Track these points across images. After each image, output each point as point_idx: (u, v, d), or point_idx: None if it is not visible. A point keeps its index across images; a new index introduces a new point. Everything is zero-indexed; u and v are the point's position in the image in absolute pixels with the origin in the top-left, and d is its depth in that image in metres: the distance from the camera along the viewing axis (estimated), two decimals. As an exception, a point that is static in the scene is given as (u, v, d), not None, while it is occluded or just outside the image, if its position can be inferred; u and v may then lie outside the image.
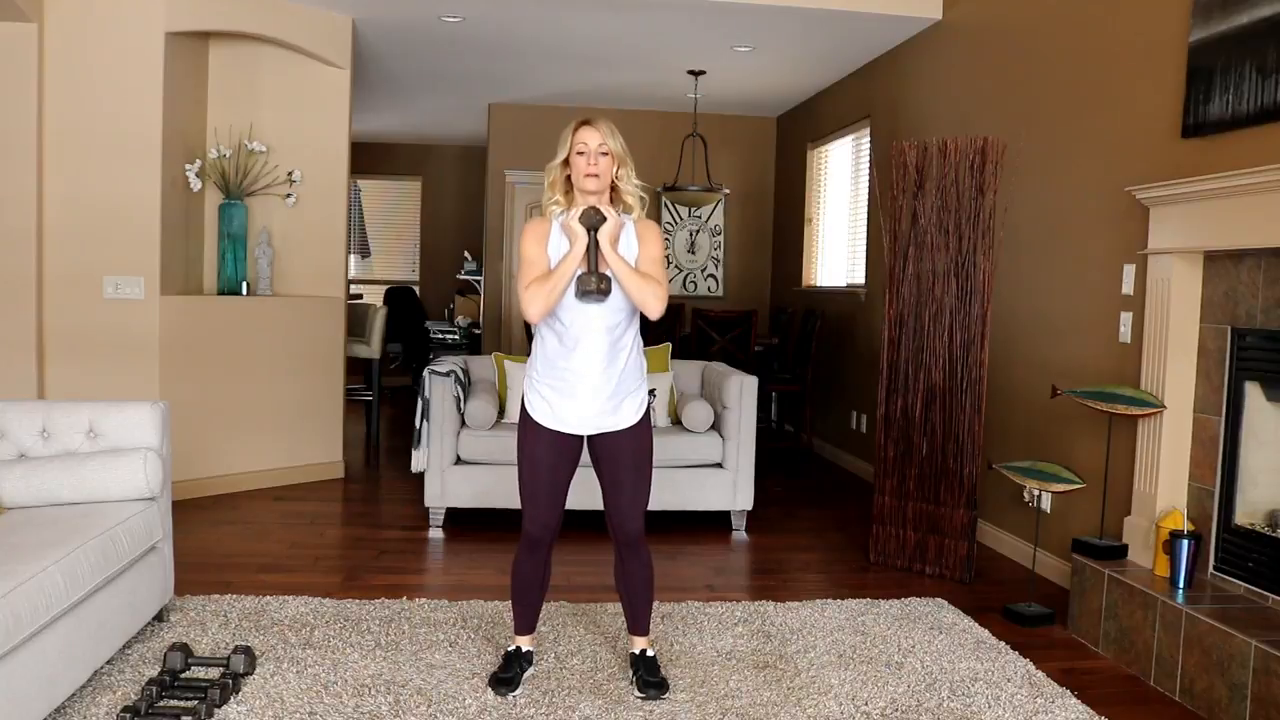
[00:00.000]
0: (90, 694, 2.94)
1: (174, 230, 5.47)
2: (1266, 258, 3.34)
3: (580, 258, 2.91)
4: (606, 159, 2.94)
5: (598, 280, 2.88)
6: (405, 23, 6.16)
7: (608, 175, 2.95)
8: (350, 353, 6.92)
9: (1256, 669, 2.94)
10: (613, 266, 2.91)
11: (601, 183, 2.95)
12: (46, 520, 3.03)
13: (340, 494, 5.88)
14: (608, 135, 2.94)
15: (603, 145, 2.93)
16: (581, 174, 2.93)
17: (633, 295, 2.93)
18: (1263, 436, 3.47)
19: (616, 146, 2.96)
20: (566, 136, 2.97)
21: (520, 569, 3.15)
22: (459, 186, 11.22)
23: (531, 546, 3.10)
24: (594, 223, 2.89)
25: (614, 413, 3.03)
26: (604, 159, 2.93)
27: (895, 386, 4.63)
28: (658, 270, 2.99)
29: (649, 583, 3.17)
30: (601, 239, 2.90)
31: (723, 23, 6.04)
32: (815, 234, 8.15)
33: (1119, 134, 4.14)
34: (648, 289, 2.93)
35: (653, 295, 2.93)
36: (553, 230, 3.01)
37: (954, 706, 3.10)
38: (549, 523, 3.07)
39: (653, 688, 3.08)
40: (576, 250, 2.91)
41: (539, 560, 3.13)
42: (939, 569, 4.52)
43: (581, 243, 2.90)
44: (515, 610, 3.22)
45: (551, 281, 2.92)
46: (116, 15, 5.17)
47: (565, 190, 3.02)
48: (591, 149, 2.92)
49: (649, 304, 2.94)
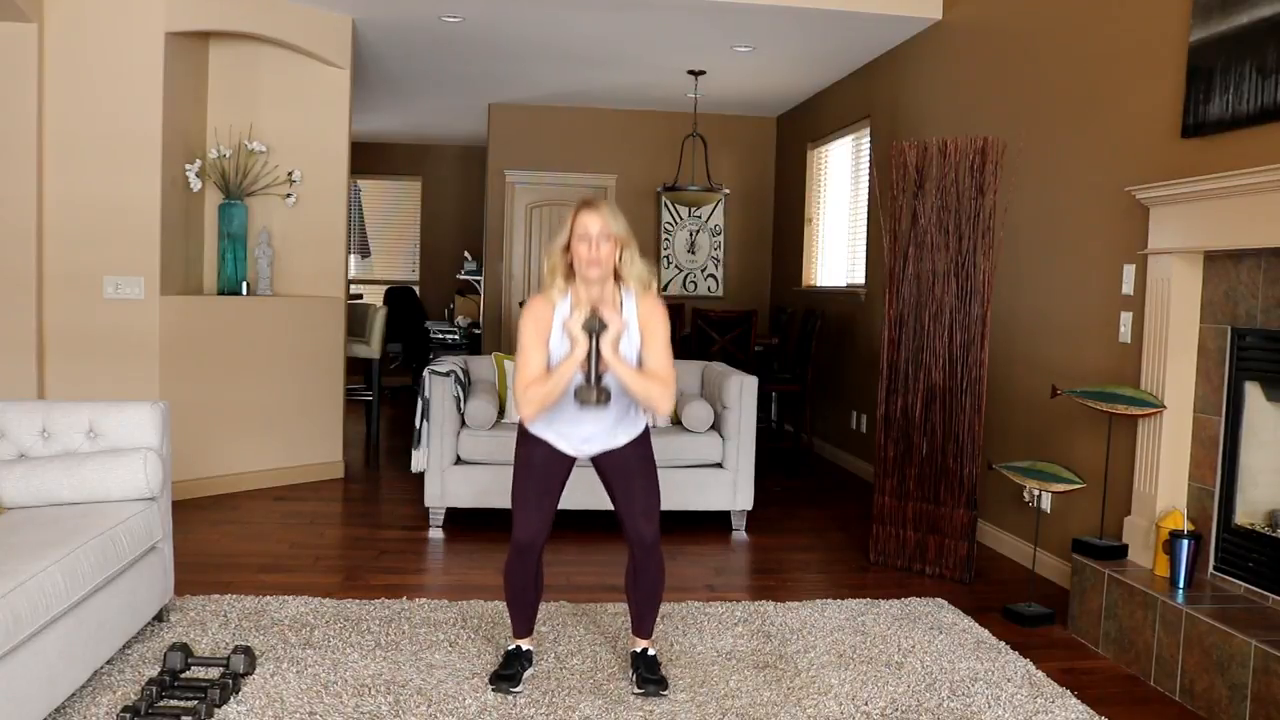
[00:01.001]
0: (90, 694, 2.94)
1: (174, 230, 5.47)
2: (1266, 258, 3.34)
3: (580, 361, 2.87)
4: (609, 245, 2.88)
5: (597, 393, 2.85)
6: (405, 23, 6.16)
7: (610, 262, 2.91)
8: (350, 353, 6.92)
9: (1256, 669, 2.94)
10: (615, 371, 2.88)
11: (604, 270, 2.90)
12: (46, 520, 3.03)
13: (340, 494, 5.88)
14: (609, 219, 2.89)
15: (604, 231, 2.87)
16: (584, 263, 2.88)
17: (638, 398, 2.92)
18: (1263, 436, 3.48)
19: (619, 229, 2.91)
20: (568, 220, 2.92)
21: (512, 578, 3.15)
22: (459, 186, 11.23)
23: (521, 553, 3.09)
24: (596, 329, 2.85)
25: (613, 436, 3.05)
26: (606, 245, 2.88)
27: (895, 386, 4.63)
28: (664, 363, 2.94)
29: (659, 589, 3.17)
30: (604, 346, 2.86)
31: (723, 23, 6.04)
32: (815, 234, 8.15)
33: (1119, 134, 4.14)
34: (654, 390, 2.90)
35: (658, 396, 2.91)
36: (555, 320, 2.96)
37: (954, 706, 3.10)
38: (538, 531, 3.06)
39: (652, 684, 3.09)
40: (576, 355, 2.87)
41: (529, 566, 3.12)
42: (939, 569, 4.52)
43: (582, 348, 2.86)
44: (512, 614, 3.22)
45: (549, 387, 2.89)
46: (116, 15, 5.17)
47: (567, 273, 2.96)
48: (594, 236, 2.86)
49: (656, 405, 2.92)
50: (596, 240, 2.86)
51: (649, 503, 3.07)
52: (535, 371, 2.93)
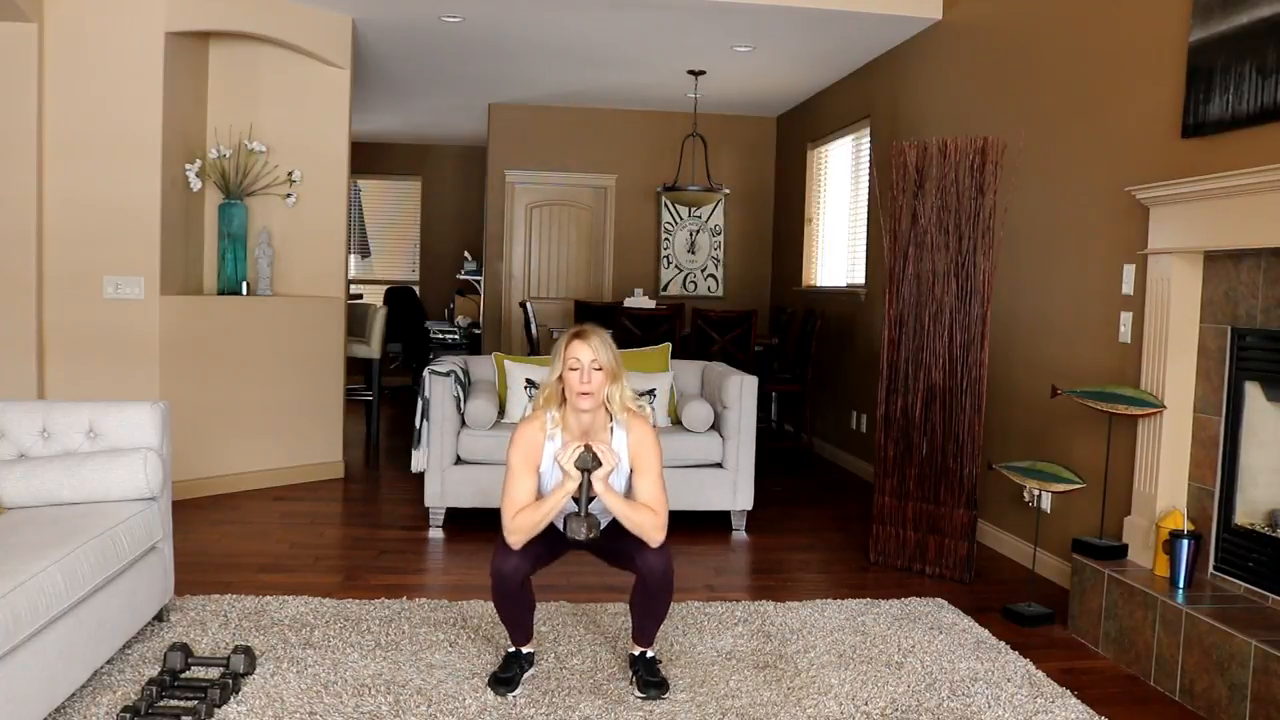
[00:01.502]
0: (90, 694, 2.94)
1: (174, 230, 5.47)
2: (1266, 258, 3.34)
3: (570, 494, 2.91)
4: (600, 374, 2.95)
5: (588, 529, 2.88)
6: (405, 23, 6.16)
7: (600, 391, 2.97)
8: (350, 353, 6.92)
9: (1256, 669, 2.94)
10: (608, 506, 2.93)
11: (595, 400, 2.96)
12: (46, 520, 3.03)
13: (340, 494, 5.88)
14: (599, 349, 2.95)
15: (595, 360, 2.94)
16: (575, 392, 2.94)
17: (630, 529, 2.96)
18: (1263, 436, 3.48)
19: (608, 359, 2.96)
20: (559, 350, 2.98)
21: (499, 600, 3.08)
22: (459, 186, 11.23)
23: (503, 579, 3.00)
24: (589, 466, 2.88)
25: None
26: (597, 375, 2.94)
27: (895, 386, 4.63)
28: (655, 493, 3.00)
29: (667, 607, 3.13)
30: (596, 483, 2.90)
31: (723, 23, 6.05)
32: (815, 234, 8.15)
33: (1119, 134, 4.14)
34: (644, 523, 2.94)
35: (651, 527, 2.95)
36: (545, 449, 3.01)
37: (954, 706, 3.10)
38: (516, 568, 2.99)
39: (653, 687, 3.08)
40: (568, 488, 2.91)
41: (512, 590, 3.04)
42: (939, 569, 4.52)
43: (573, 483, 2.90)
44: (507, 629, 3.19)
45: (539, 517, 2.94)
46: (116, 15, 5.17)
47: (559, 403, 3.03)
48: (585, 365, 2.93)
49: (649, 537, 2.96)
50: (588, 369, 2.94)
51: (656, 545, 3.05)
52: (524, 498, 2.98)
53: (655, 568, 3.01)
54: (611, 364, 2.98)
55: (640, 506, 2.98)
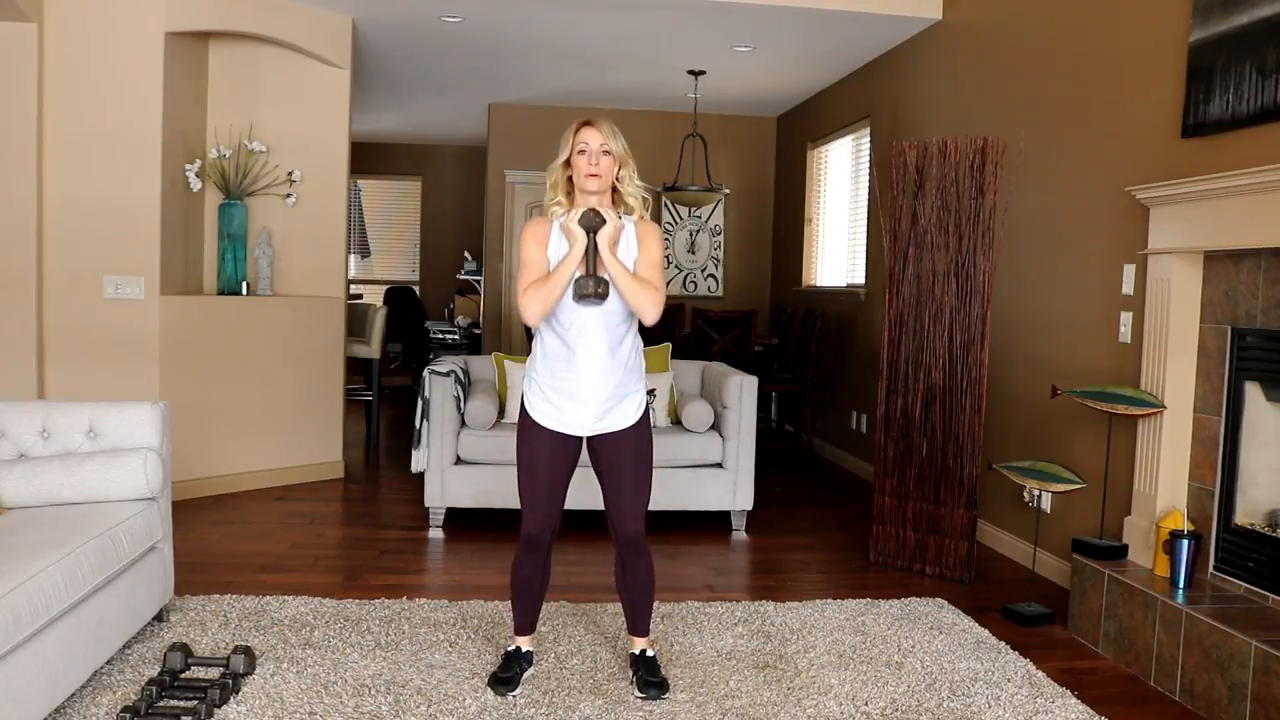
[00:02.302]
0: (90, 694, 2.94)
1: (174, 230, 5.47)
2: (1266, 258, 3.34)
3: (579, 260, 2.90)
4: (608, 159, 2.93)
5: (595, 284, 2.87)
6: (405, 23, 6.16)
7: (609, 175, 2.95)
8: (350, 353, 6.92)
9: (1256, 669, 2.94)
10: (610, 270, 2.90)
11: (603, 183, 2.94)
12: (46, 520, 3.03)
13: (340, 494, 5.88)
14: (609, 135, 2.94)
15: (604, 145, 2.92)
16: (583, 174, 2.92)
17: (629, 300, 2.93)
18: (1263, 436, 3.47)
19: (618, 147, 2.95)
20: (568, 136, 2.96)
21: (520, 570, 3.15)
22: (459, 186, 11.22)
23: (530, 547, 3.10)
24: (593, 225, 2.88)
25: (613, 412, 3.03)
26: (605, 159, 2.92)
27: (895, 386, 4.63)
28: (655, 275, 2.98)
29: (650, 584, 3.16)
30: (600, 242, 2.89)
31: (723, 23, 6.04)
32: (815, 234, 8.15)
33: (1119, 134, 4.14)
34: (644, 295, 2.92)
35: (649, 301, 2.93)
36: (553, 231, 3.01)
37: (954, 706, 3.10)
38: (548, 524, 3.07)
39: (653, 688, 3.09)
40: (575, 253, 2.90)
41: (538, 561, 3.13)
42: (939, 569, 4.52)
43: (580, 245, 2.89)
44: (515, 611, 3.22)
45: (549, 284, 2.92)
46: (116, 15, 5.17)
47: (567, 190, 3.01)
48: (593, 149, 2.92)
49: (645, 310, 2.93)
50: (596, 153, 2.91)
51: (636, 498, 3.07)
52: (536, 275, 2.97)
53: (629, 534, 3.06)
54: (621, 152, 2.96)
55: (641, 278, 2.95)
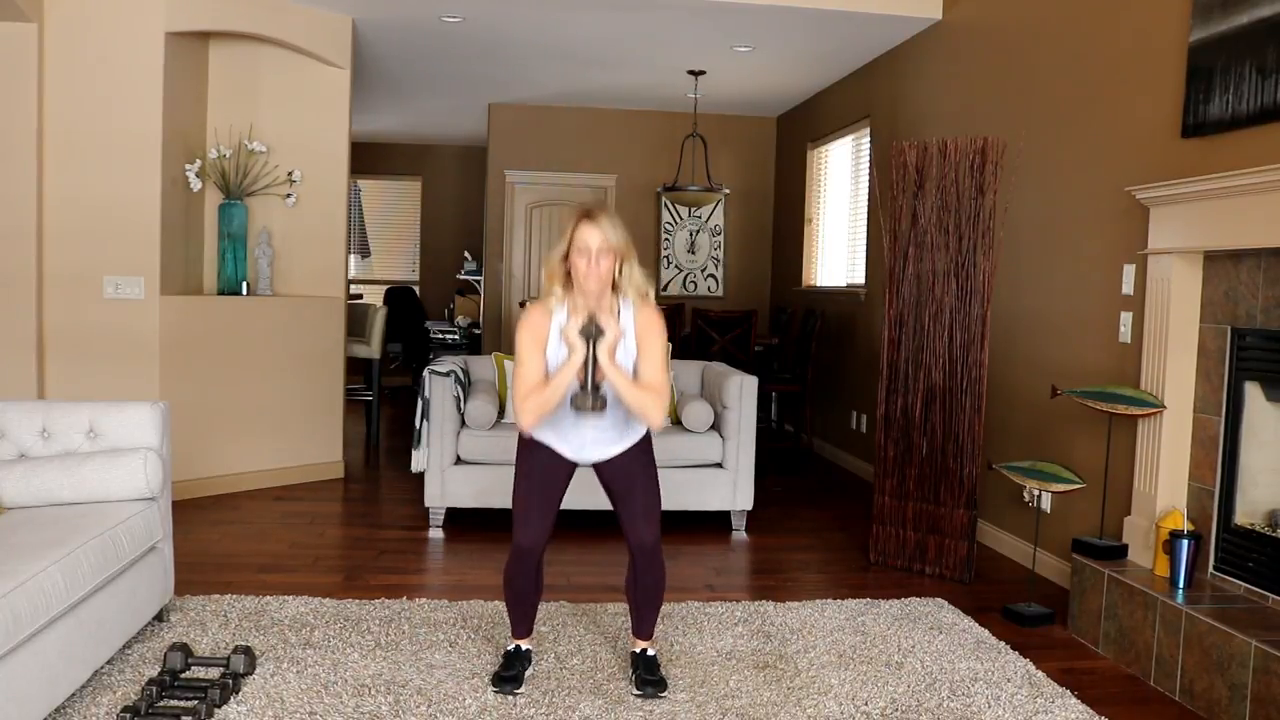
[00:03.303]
0: (90, 694, 2.94)
1: (174, 230, 5.47)
2: (1266, 258, 3.34)
3: (578, 368, 2.87)
4: (608, 259, 2.87)
5: (593, 400, 2.86)
6: (405, 23, 6.16)
7: (609, 275, 2.89)
8: (350, 353, 6.92)
9: (1256, 669, 2.94)
10: (611, 380, 2.88)
11: (603, 283, 2.89)
12: (46, 520, 3.03)
13: (340, 494, 5.88)
14: (609, 232, 2.86)
15: (604, 245, 2.85)
16: (582, 275, 2.86)
17: (632, 408, 2.92)
18: (1263, 436, 3.47)
19: (619, 242, 2.88)
20: (567, 230, 2.90)
21: (513, 580, 3.15)
22: (459, 186, 11.22)
23: (521, 557, 3.09)
24: (593, 335, 2.85)
25: (613, 443, 3.05)
26: (605, 260, 2.86)
27: (895, 386, 4.63)
28: (658, 376, 2.94)
29: (660, 590, 3.16)
30: (600, 353, 2.86)
31: (723, 23, 6.04)
32: (815, 234, 8.15)
33: (1119, 134, 4.14)
34: (647, 402, 2.89)
35: (652, 408, 2.90)
36: (551, 332, 2.96)
37: (954, 706, 3.10)
38: (539, 537, 3.07)
39: (651, 685, 3.09)
40: (574, 362, 2.86)
41: (529, 569, 3.12)
42: (939, 569, 4.52)
43: (579, 355, 2.85)
44: (512, 616, 3.23)
45: (547, 395, 2.89)
46: (116, 15, 5.17)
47: (565, 282, 2.95)
48: (593, 251, 2.84)
49: (649, 417, 2.92)
50: (596, 255, 2.85)
51: (649, 507, 3.07)
52: (533, 380, 2.92)
53: (645, 541, 3.04)
54: (621, 245, 2.89)
55: (643, 385, 2.92)
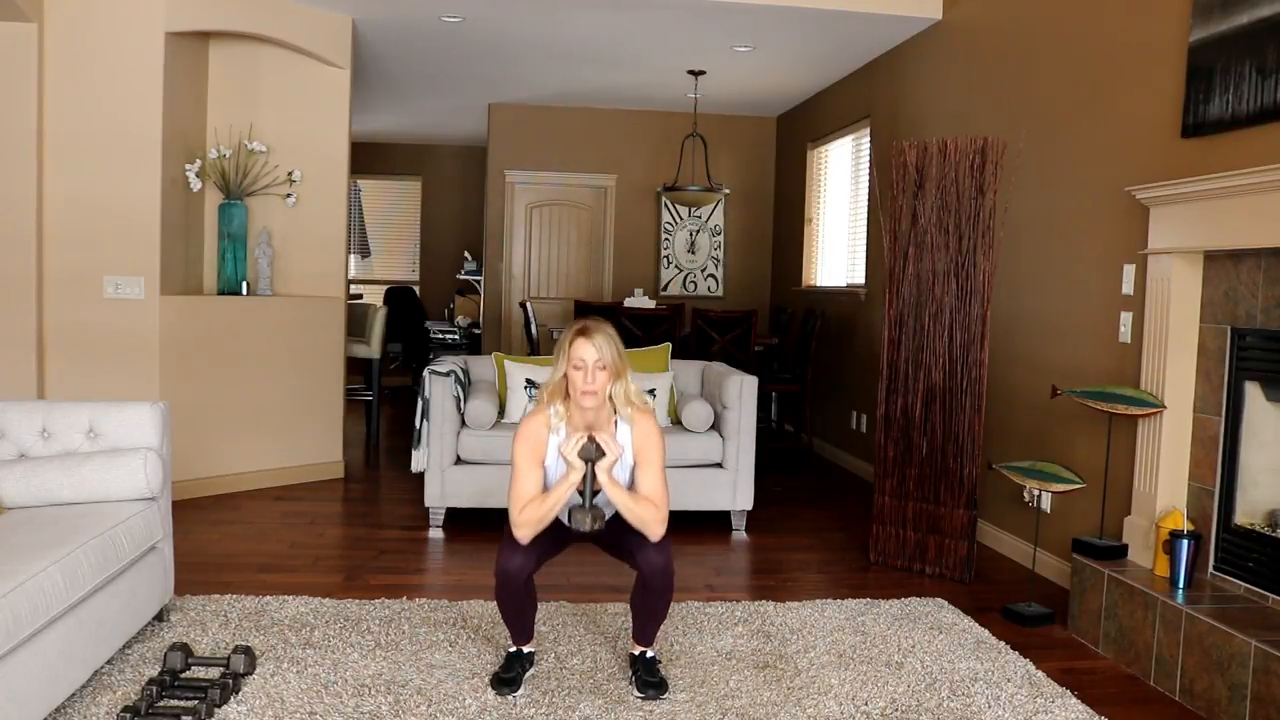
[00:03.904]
0: (90, 694, 2.94)
1: (174, 230, 5.47)
2: (1266, 258, 3.34)
3: (575, 485, 2.92)
4: (604, 373, 2.94)
5: (592, 520, 2.89)
6: (405, 23, 6.16)
7: (604, 390, 2.97)
8: (350, 353, 6.92)
9: (1256, 669, 2.94)
10: (611, 497, 2.94)
11: (598, 398, 2.96)
12: (46, 520, 3.03)
13: (340, 494, 5.88)
14: (604, 347, 2.94)
15: (599, 360, 2.93)
16: (579, 391, 2.94)
17: (632, 523, 2.96)
18: (1263, 436, 3.48)
19: (612, 356, 2.95)
20: (564, 347, 2.97)
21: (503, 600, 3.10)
22: (459, 186, 11.23)
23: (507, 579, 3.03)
24: (592, 456, 2.89)
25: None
26: (601, 374, 2.94)
27: (895, 386, 4.63)
28: (658, 489, 3.00)
29: (666, 606, 3.14)
30: (600, 473, 2.90)
31: (723, 23, 6.04)
32: (815, 234, 8.15)
33: (1119, 134, 4.14)
34: (647, 516, 2.95)
35: (653, 521, 2.96)
36: (549, 446, 3.01)
37: (954, 706, 3.10)
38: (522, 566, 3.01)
39: (652, 687, 3.09)
40: (572, 479, 2.92)
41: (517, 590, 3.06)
42: (939, 569, 4.52)
43: (578, 474, 2.91)
44: (509, 629, 3.20)
45: (544, 510, 2.95)
46: (116, 15, 5.17)
47: (564, 397, 3.02)
48: (589, 365, 2.93)
49: (648, 530, 2.97)
50: (592, 369, 2.93)
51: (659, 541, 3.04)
52: (530, 493, 2.99)
53: (656, 566, 3.02)
54: (616, 361, 2.97)
55: (642, 499, 2.98)
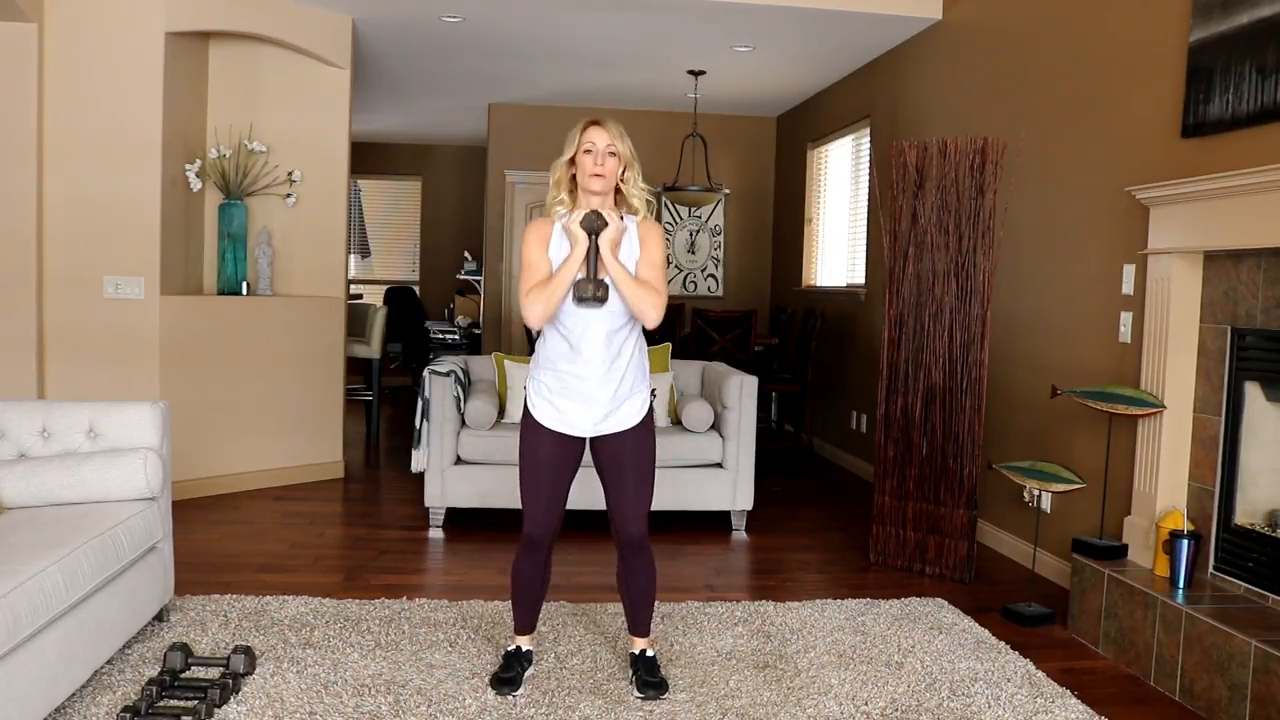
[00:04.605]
0: (90, 694, 2.95)
1: (174, 230, 5.47)
2: (1266, 258, 3.34)
3: (580, 262, 2.89)
4: (614, 160, 2.93)
5: (595, 287, 2.86)
6: (405, 23, 6.16)
7: (613, 176, 2.94)
8: (350, 353, 6.92)
9: (1256, 669, 2.94)
10: (611, 273, 2.90)
11: (606, 184, 2.93)
12: (46, 520, 3.03)
13: (340, 494, 5.88)
14: (616, 136, 2.94)
15: (610, 145, 2.92)
16: (587, 174, 2.91)
17: (629, 303, 2.92)
18: (1263, 436, 3.48)
19: (624, 148, 2.95)
20: (575, 135, 2.95)
21: (520, 570, 3.15)
22: (459, 186, 11.23)
23: (531, 547, 3.10)
24: (595, 227, 2.87)
25: (616, 413, 3.02)
26: (611, 160, 2.92)
27: (895, 386, 4.63)
28: (657, 277, 2.97)
29: (651, 585, 3.17)
30: (602, 244, 2.88)
31: (723, 23, 6.04)
32: (815, 234, 8.15)
33: (1119, 134, 4.14)
34: (645, 298, 2.91)
35: (650, 304, 2.92)
36: (555, 232, 3.00)
37: (954, 706, 3.10)
38: (549, 524, 3.07)
39: (652, 688, 3.09)
40: (576, 255, 2.89)
41: (539, 561, 3.13)
42: (939, 569, 4.52)
43: (581, 247, 2.88)
44: (515, 610, 3.22)
45: (551, 287, 2.90)
46: (116, 15, 5.17)
47: (570, 189, 3.00)
48: (599, 149, 2.91)
49: (646, 313, 2.93)
50: (602, 153, 2.91)
51: (638, 499, 3.06)
52: (538, 276, 2.95)
53: (631, 536, 3.06)
54: (627, 153, 2.95)
55: (643, 280, 2.95)
